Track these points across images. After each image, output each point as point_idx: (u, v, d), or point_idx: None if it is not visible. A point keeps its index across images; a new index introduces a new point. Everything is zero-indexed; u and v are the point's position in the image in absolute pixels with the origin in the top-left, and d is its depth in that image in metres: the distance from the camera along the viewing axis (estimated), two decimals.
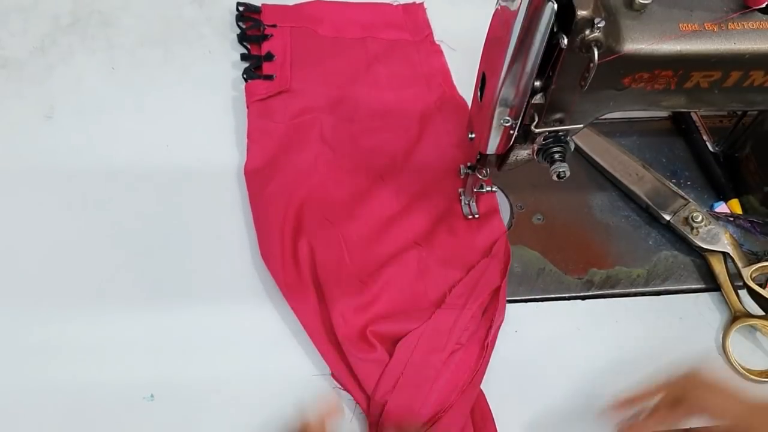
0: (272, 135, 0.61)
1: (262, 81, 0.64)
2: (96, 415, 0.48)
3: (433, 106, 0.65)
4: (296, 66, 0.66)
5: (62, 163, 0.60)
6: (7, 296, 0.52)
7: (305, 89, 0.64)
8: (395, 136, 0.62)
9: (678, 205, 0.58)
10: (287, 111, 0.63)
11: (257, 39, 0.68)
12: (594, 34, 0.39)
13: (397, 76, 0.67)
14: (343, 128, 0.62)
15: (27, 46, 0.68)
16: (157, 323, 0.51)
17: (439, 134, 0.62)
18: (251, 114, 0.62)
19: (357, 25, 0.70)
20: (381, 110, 0.64)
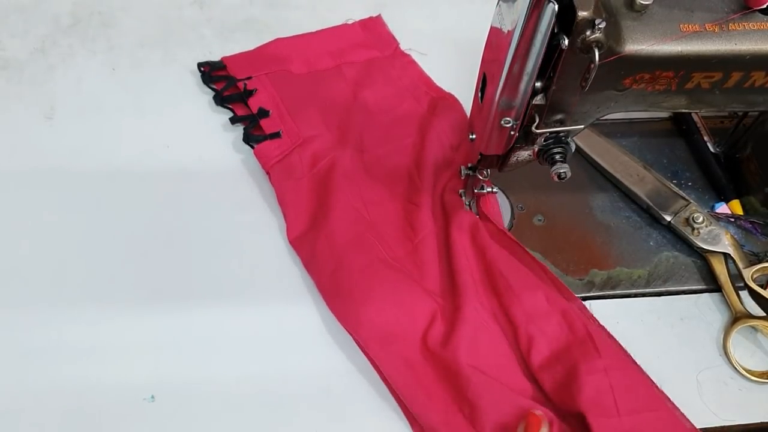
0: (302, 193, 0.58)
1: (270, 141, 0.61)
2: (97, 416, 0.48)
3: (428, 116, 0.64)
4: (293, 114, 0.63)
5: (62, 163, 0.60)
6: (7, 296, 0.52)
7: (311, 136, 0.61)
8: (402, 160, 0.61)
9: (679, 206, 0.58)
10: (304, 162, 0.60)
11: (240, 97, 0.64)
12: (595, 35, 0.39)
13: (385, 98, 0.65)
14: (358, 159, 0.61)
15: (27, 47, 0.68)
16: (158, 324, 0.51)
17: (440, 135, 0.62)
18: (275, 179, 0.59)
19: (326, 55, 0.68)
20: (381, 137, 0.62)
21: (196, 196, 0.58)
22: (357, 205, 0.57)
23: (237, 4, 0.73)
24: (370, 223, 0.56)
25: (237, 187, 0.59)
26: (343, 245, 0.54)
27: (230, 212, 0.58)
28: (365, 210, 0.57)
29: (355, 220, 0.56)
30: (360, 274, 0.52)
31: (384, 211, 0.58)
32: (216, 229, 0.57)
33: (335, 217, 0.56)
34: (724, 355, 0.52)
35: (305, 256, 0.55)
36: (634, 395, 0.47)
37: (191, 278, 0.54)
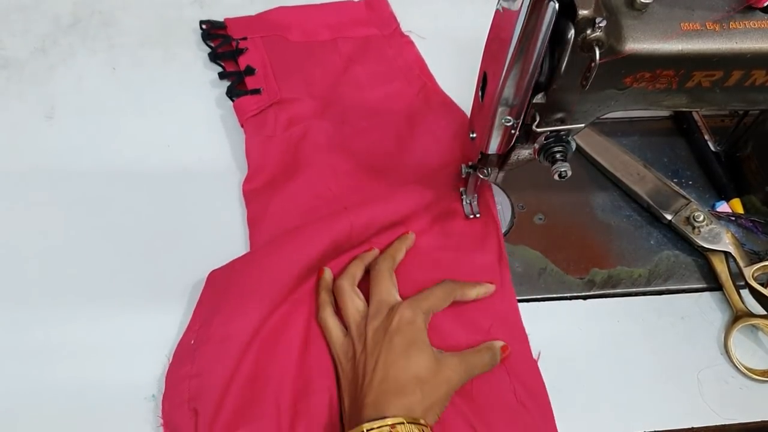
0: (270, 152, 0.60)
1: (250, 96, 0.63)
2: (97, 415, 0.48)
3: (417, 100, 0.65)
4: (278, 76, 0.65)
5: (63, 163, 0.60)
6: (8, 296, 0.52)
7: (292, 98, 0.64)
8: (385, 135, 0.62)
9: (679, 205, 0.58)
10: (279, 122, 0.62)
11: (231, 55, 0.67)
12: (595, 33, 0.39)
13: (376, 74, 0.67)
14: (336, 132, 0.62)
15: (28, 46, 0.68)
16: (159, 323, 0.51)
17: (433, 133, 0.62)
18: (248, 131, 0.61)
19: (325, 27, 0.70)
20: (367, 111, 0.64)
21: (196, 196, 0.58)
22: (326, 176, 0.58)
23: (237, 4, 0.73)
24: (336, 197, 0.57)
25: (238, 187, 0.59)
26: (297, 215, 0.55)
27: (231, 212, 0.58)
28: (335, 181, 0.58)
29: (317, 195, 0.57)
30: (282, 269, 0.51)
31: (355, 182, 0.59)
32: (217, 228, 0.57)
33: (298, 185, 0.57)
34: (725, 353, 0.52)
35: (253, 211, 0.57)
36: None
37: (192, 277, 0.54)
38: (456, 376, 0.47)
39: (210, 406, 0.45)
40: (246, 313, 0.48)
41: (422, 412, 0.44)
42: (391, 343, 0.46)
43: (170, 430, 0.46)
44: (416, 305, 0.48)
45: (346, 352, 0.48)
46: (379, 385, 0.44)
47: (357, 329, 0.48)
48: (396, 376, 0.44)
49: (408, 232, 0.55)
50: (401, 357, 0.45)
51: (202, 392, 0.46)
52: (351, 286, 0.51)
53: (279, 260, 0.51)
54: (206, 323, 0.49)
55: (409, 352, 0.46)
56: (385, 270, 0.51)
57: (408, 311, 0.47)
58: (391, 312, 0.48)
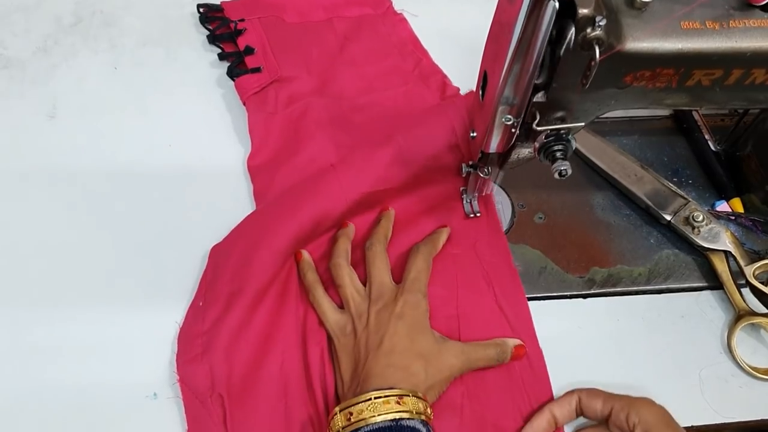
0: (272, 128, 0.62)
1: (250, 75, 0.65)
2: (99, 414, 0.48)
3: (413, 76, 0.67)
4: (277, 54, 0.67)
5: (65, 162, 0.60)
6: (9, 295, 0.53)
7: (290, 76, 0.65)
8: (384, 110, 0.63)
9: (678, 205, 0.58)
10: (279, 100, 0.64)
11: (230, 36, 0.68)
12: (595, 32, 0.39)
13: (371, 51, 0.68)
14: (335, 108, 0.63)
15: (30, 46, 0.68)
16: (160, 322, 0.51)
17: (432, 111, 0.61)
18: (250, 109, 0.63)
19: (320, 8, 0.72)
20: (365, 87, 0.66)
21: (198, 196, 0.58)
22: (328, 150, 0.60)
23: None
24: (333, 167, 0.57)
25: (239, 187, 0.59)
26: (300, 188, 0.55)
27: (233, 211, 0.58)
28: (335, 154, 0.59)
29: (320, 168, 0.57)
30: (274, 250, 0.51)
31: (354, 155, 0.58)
32: (218, 228, 0.57)
33: (301, 159, 0.59)
34: (726, 352, 0.52)
35: (259, 185, 0.58)
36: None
37: (193, 276, 0.54)
38: (458, 363, 0.48)
39: (222, 359, 0.47)
40: (251, 272, 0.50)
41: (425, 390, 0.44)
42: (396, 325, 0.47)
43: (186, 384, 0.47)
44: (416, 288, 0.49)
45: (343, 328, 0.49)
46: (386, 359, 0.45)
47: (356, 309, 0.49)
48: (402, 354, 0.45)
49: (389, 208, 0.56)
50: (406, 338, 0.46)
51: (213, 346, 0.48)
52: (347, 264, 0.52)
53: (278, 222, 0.52)
54: (212, 284, 0.51)
55: (413, 335, 0.47)
56: (381, 250, 0.52)
57: (411, 296, 0.49)
58: (394, 296, 0.49)
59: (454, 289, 0.54)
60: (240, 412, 0.46)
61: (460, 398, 0.48)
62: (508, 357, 0.49)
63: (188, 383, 0.47)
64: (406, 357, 0.45)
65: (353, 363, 0.47)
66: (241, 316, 0.48)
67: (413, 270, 0.51)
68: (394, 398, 0.42)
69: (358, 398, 0.42)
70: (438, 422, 0.46)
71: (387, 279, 0.51)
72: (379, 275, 0.51)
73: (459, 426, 0.47)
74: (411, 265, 0.51)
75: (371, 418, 0.41)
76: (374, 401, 0.42)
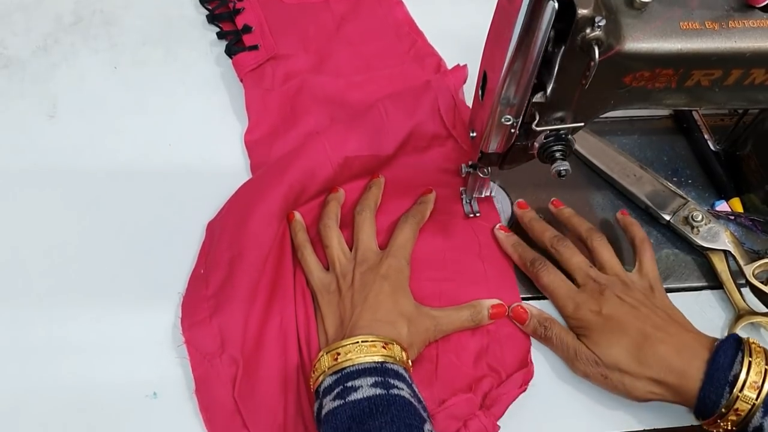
0: (269, 104, 0.63)
1: (248, 52, 0.66)
2: (99, 413, 0.48)
3: (408, 56, 0.68)
4: (274, 33, 0.67)
5: (65, 161, 0.60)
6: (9, 295, 0.53)
7: (288, 54, 0.66)
8: (379, 88, 0.64)
9: (677, 205, 0.58)
10: (276, 77, 0.65)
11: (229, 15, 0.69)
12: (594, 32, 0.39)
13: (367, 31, 0.69)
14: (331, 86, 0.64)
15: (30, 45, 0.68)
16: (161, 321, 0.52)
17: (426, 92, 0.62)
18: (247, 85, 0.64)
19: None
20: (360, 65, 0.66)
21: (198, 195, 0.58)
22: (323, 126, 0.60)
23: None
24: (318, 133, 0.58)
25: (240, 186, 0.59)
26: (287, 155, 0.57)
27: None
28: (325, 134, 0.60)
29: (306, 137, 0.59)
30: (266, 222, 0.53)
31: (339, 121, 0.60)
32: None
33: (298, 133, 0.60)
34: None
35: (256, 160, 0.60)
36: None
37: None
38: (432, 326, 0.50)
39: (234, 320, 0.49)
40: (248, 237, 0.51)
41: (407, 346, 0.47)
42: (381, 284, 0.49)
43: (193, 346, 0.49)
44: (401, 255, 0.51)
45: (327, 286, 0.51)
46: (372, 314, 0.47)
47: (342, 269, 0.51)
48: (387, 312, 0.48)
49: (379, 176, 0.58)
50: (390, 297, 0.48)
51: (223, 309, 0.49)
52: (336, 226, 0.54)
53: (268, 186, 0.54)
54: (211, 252, 0.53)
55: (396, 296, 0.49)
56: (369, 217, 0.54)
57: (395, 260, 0.51)
58: (379, 259, 0.51)
59: (440, 252, 0.55)
60: (247, 371, 0.48)
61: (435, 350, 0.50)
62: (485, 317, 0.51)
63: (195, 345, 0.49)
64: (391, 314, 0.47)
65: (338, 319, 0.48)
66: (245, 280, 0.50)
67: (399, 237, 0.53)
68: (380, 343, 0.44)
69: (345, 341, 0.44)
70: (414, 368, 0.48)
71: (373, 244, 0.53)
72: (366, 240, 0.53)
73: (433, 371, 0.49)
74: (398, 232, 0.53)
75: (357, 358, 0.43)
76: (361, 344, 0.43)
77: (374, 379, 0.41)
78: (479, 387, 0.48)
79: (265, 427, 0.46)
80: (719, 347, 0.44)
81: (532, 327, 0.51)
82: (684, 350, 0.45)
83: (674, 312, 0.50)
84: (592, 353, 0.48)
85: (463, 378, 0.49)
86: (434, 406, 0.47)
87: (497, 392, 0.48)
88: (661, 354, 0.45)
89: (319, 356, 0.44)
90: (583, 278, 0.51)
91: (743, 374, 0.42)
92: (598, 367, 0.47)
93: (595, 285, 0.50)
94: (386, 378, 0.42)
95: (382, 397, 0.40)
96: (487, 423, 0.46)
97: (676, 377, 0.45)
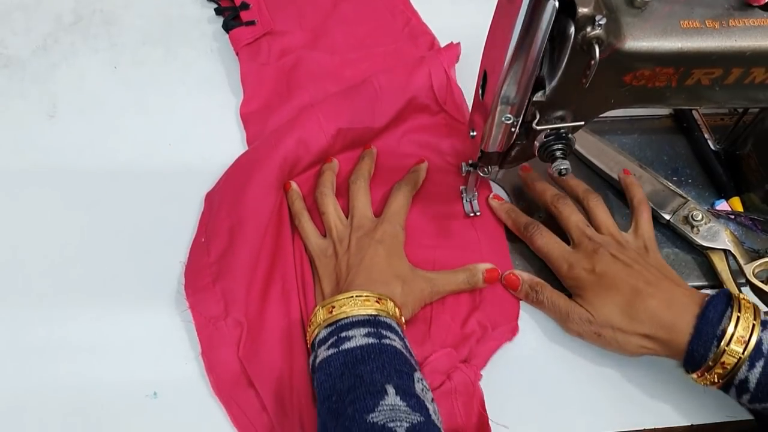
0: (265, 78, 0.64)
1: (245, 28, 0.67)
2: (99, 413, 0.48)
3: (402, 35, 0.69)
4: (271, 10, 0.69)
5: (64, 161, 0.60)
6: (9, 295, 0.53)
7: (284, 31, 0.68)
8: (374, 65, 0.65)
9: (677, 204, 0.58)
10: (272, 52, 0.66)
11: None
12: (595, 31, 0.39)
13: (362, 10, 0.71)
14: (327, 62, 0.65)
15: (30, 45, 0.68)
16: (160, 321, 0.52)
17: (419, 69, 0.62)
18: (242, 59, 0.66)
19: None
20: (355, 43, 0.68)
21: (198, 195, 0.58)
22: (318, 100, 0.61)
23: None
24: (312, 105, 0.60)
25: None
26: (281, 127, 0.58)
27: None
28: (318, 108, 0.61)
29: (300, 110, 0.60)
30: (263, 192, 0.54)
31: (333, 94, 0.61)
32: None
33: (293, 106, 0.61)
34: None
35: (252, 133, 0.61)
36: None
37: None
38: (427, 287, 0.51)
39: (237, 286, 0.50)
40: (246, 206, 0.53)
41: (401, 305, 0.48)
42: (376, 248, 0.50)
43: (197, 311, 0.51)
44: (395, 221, 0.53)
45: (324, 251, 0.53)
46: (367, 274, 0.49)
47: (338, 235, 0.53)
48: (381, 272, 0.49)
49: (370, 147, 0.60)
50: (385, 260, 0.50)
51: (226, 275, 0.51)
52: (332, 194, 0.56)
53: (264, 157, 0.55)
54: (211, 222, 0.54)
55: (391, 259, 0.51)
56: (363, 186, 0.56)
57: (390, 226, 0.52)
58: (375, 226, 0.52)
59: (434, 221, 0.57)
60: (252, 333, 0.49)
61: (429, 311, 0.52)
62: (479, 280, 0.52)
63: (200, 310, 0.50)
64: (385, 275, 0.49)
65: (334, 280, 0.50)
66: (246, 247, 0.51)
67: (394, 204, 0.54)
68: (374, 298, 0.46)
69: (340, 296, 0.46)
70: (408, 328, 0.50)
71: (368, 212, 0.55)
72: (362, 207, 0.54)
73: (426, 331, 0.51)
74: (392, 200, 0.55)
75: (351, 311, 0.44)
76: (355, 299, 0.45)
77: (367, 329, 0.43)
78: (465, 344, 0.50)
79: (271, 385, 0.48)
80: (709, 302, 0.45)
81: (524, 292, 0.53)
82: (674, 305, 0.46)
83: (667, 270, 0.51)
84: (586, 311, 0.49)
85: (453, 337, 0.51)
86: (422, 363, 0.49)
87: (479, 347, 0.50)
88: (652, 309, 0.46)
89: (315, 311, 0.46)
90: (578, 236, 0.53)
91: (731, 328, 0.43)
92: (592, 326, 0.48)
93: (590, 243, 0.51)
94: (379, 329, 0.43)
95: (374, 345, 0.42)
96: (468, 372, 0.48)
97: (667, 331, 0.45)
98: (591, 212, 0.55)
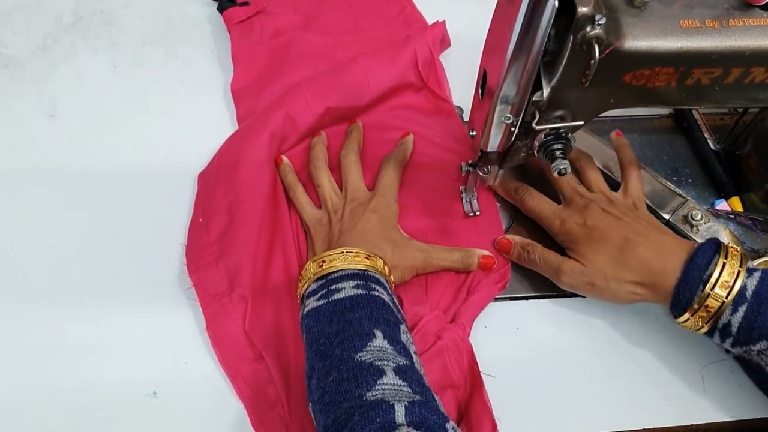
0: (256, 55, 0.65)
1: (238, 7, 0.68)
2: (99, 413, 0.48)
3: (397, 21, 0.70)
4: None
5: (64, 161, 0.60)
6: (9, 295, 0.53)
7: (278, 12, 0.69)
8: (366, 49, 0.66)
9: (676, 204, 0.58)
10: (265, 32, 0.67)
11: None
12: (594, 31, 0.39)
13: None
14: (319, 43, 0.66)
15: (30, 45, 0.68)
16: (160, 320, 0.52)
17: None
18: (234, 36, 0.67)
19: None
20: (349, 27, 0.69)
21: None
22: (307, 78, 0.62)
23: None
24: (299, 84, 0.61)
25: None
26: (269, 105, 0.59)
27: None
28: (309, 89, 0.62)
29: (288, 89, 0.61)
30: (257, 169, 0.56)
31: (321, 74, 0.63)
32: None
33: (284, 84, 0.62)
34: None
35: (243, 110, 0.62)
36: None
37: None
38: (420, 256, 0.52)
39: (242, 262, 0.51)
40: (241, 184, 0.54)
41: (390, 266, 0.49)
42: (370, 216, 0.52)
43: (201, 288, 0.52)
44: (388, 193, 0.55)
45: (319, 220, 0.54)
46: (359, 236, 0.50)
47: (333, 205, 0.54)
48: (373, 236, 0.51)
49: (356, 121, 0.61)
50: (377, 227, 0.52)
51: (228, 251, 0.52)
52: (326, 167, 0.57)
53: (253, 135, 0.57)
54: (208, 201, 0.55)
55: (383, 227, 0.52)
56: (355, 159, 0.57)
57: (383, 199, 0.54)
58: (368, 198, 0.54)
59: (427, 193, 0.58)
60: (256, 308, 0.51)
61: (424, 279, 0.53)
62: (474, 264, 0.53)
63: (204, 287, 0.52)
64: (377, 239, 0.50)
65: (327, 243, 0.51)
66: (247, 224, 0.53)
67: (385, 177, 0.56)
68: (364, 254, 0.46)
69: (330, 251, 0.46)
70: (405, 289, 0.52)
71: (361, 184, 0.56)
72: (355, 180, 0.56)
73: (424, 293, 0.53)
74: (383, 173, 0.56)
75: (341, 265, 0.45)
76: (346, 254, 0.46)
77: (356, 282, 0.44)
78: (452, 306, 0.52)
79: (277, 355, 0.49)
80: (698, 249, 0.46)
81: (517, 253, 0.54)
82: (664, 251, 0.47)
83: (656, 222, 0.52)
84: (579, 263, 0.50)
85: (446, 301, 0.53)
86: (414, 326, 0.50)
87: (466, 304, 0.52)
88: (642, 256, 0.48)
89: (305, 266, 0.47)
90: (570, 193, 0.54)
91: (716, 273, 0.44)
92: (584, 276, 0.50)
93: (581, 199, 0.53)
94: (368, 282, 0.45)
95: (363, 296, 0.43)
96: (457, 329, 0.50)
97: (656, 277, 0.47)
98: (582, 172, 0.57)
